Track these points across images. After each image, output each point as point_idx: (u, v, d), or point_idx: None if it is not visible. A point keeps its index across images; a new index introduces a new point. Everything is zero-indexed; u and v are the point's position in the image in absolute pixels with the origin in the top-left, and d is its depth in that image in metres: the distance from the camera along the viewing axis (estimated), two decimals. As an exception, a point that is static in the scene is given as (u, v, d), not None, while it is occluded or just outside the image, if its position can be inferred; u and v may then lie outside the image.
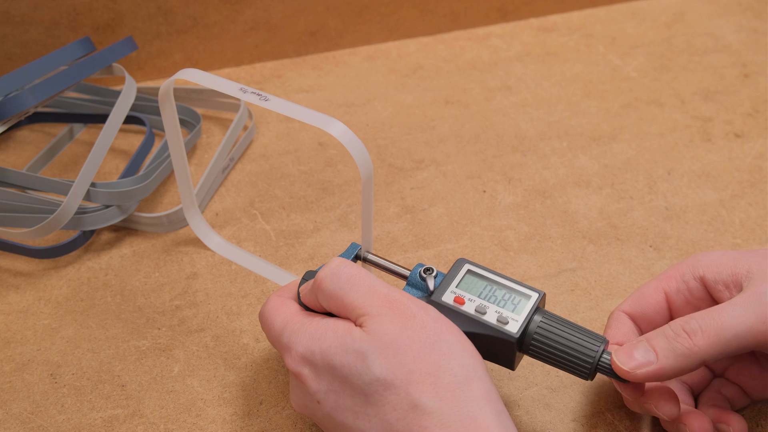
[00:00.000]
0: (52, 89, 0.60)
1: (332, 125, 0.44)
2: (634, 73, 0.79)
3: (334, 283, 0.42)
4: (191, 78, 0.47)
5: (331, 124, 0.44)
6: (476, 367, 0.40)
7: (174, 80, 0.48)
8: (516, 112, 0.74)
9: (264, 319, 0.45)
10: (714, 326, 0.40)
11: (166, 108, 0.51)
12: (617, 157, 0.68)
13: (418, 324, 0.40)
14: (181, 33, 0.77)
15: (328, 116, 0.44)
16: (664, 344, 0.41)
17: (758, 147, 0.69)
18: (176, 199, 0.65)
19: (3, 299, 0.57)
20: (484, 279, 0.46)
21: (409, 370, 0.39)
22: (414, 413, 0.38)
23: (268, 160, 0.69)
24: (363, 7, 0.81)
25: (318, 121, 0.44)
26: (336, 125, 0.44)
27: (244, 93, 0.45)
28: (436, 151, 0.70)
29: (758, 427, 0.47)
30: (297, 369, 0.42)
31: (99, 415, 0.49)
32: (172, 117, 0.52)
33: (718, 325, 0.40)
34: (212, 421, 0.49)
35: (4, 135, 0.72)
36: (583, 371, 0.43)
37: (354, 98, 0.76)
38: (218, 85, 0.46)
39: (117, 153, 0.71)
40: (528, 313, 0.44)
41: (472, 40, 0.84)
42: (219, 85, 0.46)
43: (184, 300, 0.56)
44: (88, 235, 0.60)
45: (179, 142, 0.53)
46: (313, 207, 0.64)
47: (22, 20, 0.72)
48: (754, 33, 0.84)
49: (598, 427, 0.48)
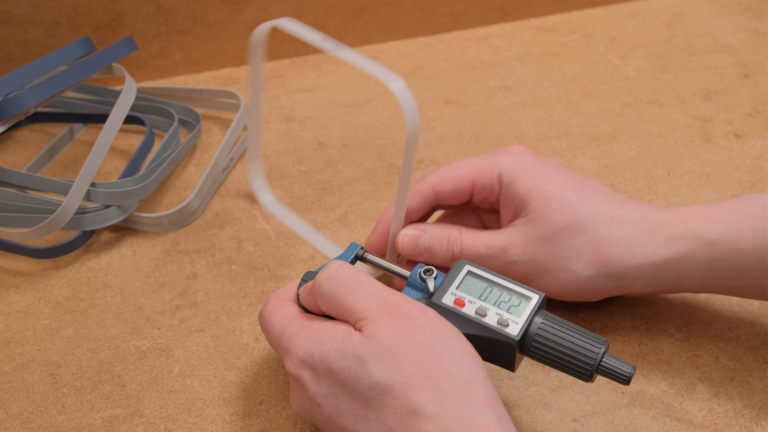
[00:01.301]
0: (52, 89, 0.60)
1: (393, 81, 0.46)
2: (634, 73, 0.79)
3: (332, 286, 0.42)
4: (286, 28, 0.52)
5: (391, 79, 0.46)
6: (476, 371, 0.40)
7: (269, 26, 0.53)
8: (516, 112, 0.74)
9: (263, 321, 0.45)
10: (470, 246, 0.50)
11: (256, 55, 0.56)
12: (617, 157, 0.68)
13: (418, 327, 0.40)
14: (181, 33, 0.77)
15: (390, 72, 0.46)
16: (437, 245, 0.51)
17: (758, 147, 0.69)
18: (176, 199, 0.65)
19: (3, 299, 0.57)
20: (485, 280, 0.46)
21: (408, 375, 0.39)
22: (414, 417, 0.38)
23: (268, 160, 0.69)
24: (363, 7, 0.81)
25: (380, 74, 0.47)
26: (396, 81, 0.46)
27: (323, 42, 0.50)
28: (436, 151, 0.70)
29: (758, 427, 0.47)
30: (297, 372, 0.42)
31: (99, 415, 0.49)
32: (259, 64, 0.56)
33: (473, 247, 0.50)
34: (212, 421, 0.49)
35: (4, 135, 0.72)
36: (584, 373, 0.43)
37: (354, 98, 0.76)
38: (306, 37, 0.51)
39: (117, 153, 0.71)
40: (528, 315, 0.44)
41: (472, 40, 0.84)
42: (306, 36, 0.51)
43: (184, 300, 0.56)
44: (88, 235, 0.60)
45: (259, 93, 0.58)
46: (313, 207, 0.64)
47: (22, 20, 0.72)
48: (754, 33, 0.84)
49: (598, 427, 0.48)
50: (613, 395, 0.49)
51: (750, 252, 0.46)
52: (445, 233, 0.51)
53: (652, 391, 0.50)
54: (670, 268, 0.48)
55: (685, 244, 0.47)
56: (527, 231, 0.49)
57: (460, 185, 0.52)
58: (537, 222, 0.49)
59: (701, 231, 0.47)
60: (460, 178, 0.52)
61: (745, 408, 0.49)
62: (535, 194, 0.49)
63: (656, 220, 0.48)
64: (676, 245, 0.47)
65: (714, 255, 0.47)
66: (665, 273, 0.48)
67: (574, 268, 0.48)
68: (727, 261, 0.46)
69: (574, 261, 0.48)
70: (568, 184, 0.50)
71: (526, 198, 0.50)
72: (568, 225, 0.48)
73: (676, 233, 0.47)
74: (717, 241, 0.46)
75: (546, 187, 0.49)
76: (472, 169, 0.52)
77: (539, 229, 0.49)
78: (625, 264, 0.48)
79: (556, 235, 0.49)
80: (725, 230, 0.46)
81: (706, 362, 0.51)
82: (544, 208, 0.49)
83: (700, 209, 0.48)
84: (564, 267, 0.49)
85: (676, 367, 0.51)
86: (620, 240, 0.48)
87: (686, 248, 0.47)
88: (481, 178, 0.52)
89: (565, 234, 0.48)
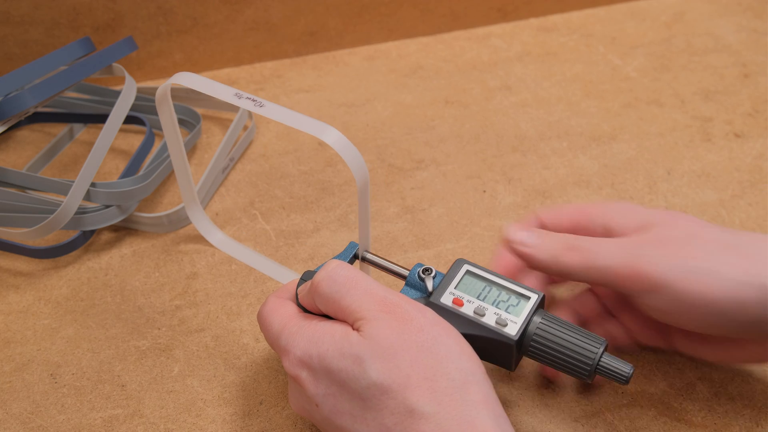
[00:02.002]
0: (52, 89, 0.60)
1: (327, 133, 0.43)
2: (634, 73, 0.79)
3: (330, 286, 0.42)
4: (186, 82, 0.47)
5: (325, 131, 0.43)
6: (474, 371, 0.40)
7: (170, 84, 0.48)
8: (516, 112, 0.74)
9: (262, 320, 0.45)
10: (591, 251, 0.45)
11: (164, 110, 0.51)
12: (617, 157, 0.68)
13: (416, 327, 0.40)
14: (181, 33, 0.77)
15: (322, 123, 0.43)
16: (548, 243, 0.46)
17: (758, 147, 0.69)
18: (176, 199, 0.65)
19: (3, 299, 0.57)
20: (484, 280, 0.46)
21: (406, 375, 0.39)
22: (411, 418, 0.38)
23: (268, 160, 0.69)
24: (363, 7, 0.81)
25: (312, 128, 0.43)
26: (330, 133, 0.43)
27: (239, 98, 0.45)
28: (436, 151, 0.70)
29: (758, 427, 0.47)
30: (295, 372, 0.42)
31: (99, 415, 0.49)
32: (170, 119, 0.52)
33: (594, 252, 0.45)
34: (212, 421, 0.49)
35: (4, 135, 0.72)
36: (583, 373, 0.43)
37: (354, 98, 0.76)
38: (213, 90, 0.46)
39: (117, 153, 0.71)
40: (527, 314, 0.44)
41: (472, 40, 0.84)
42: (214, 90, 0.46)
43: (184, 300, 0.57)
44: (88, 235, 0.60)
45: (178, 141, 0.54)
46: (313, 207, 0.64)
47: (22, 20, 0.72)
48: (754, 33, 0.84)
49: (598, 427, 0.48)
50: (613, 395, 0.49)
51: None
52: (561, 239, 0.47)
53: (652, 391, 0.50)
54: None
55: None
56: (658, 235, 0.45)
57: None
58: (667, 228, 0.45)
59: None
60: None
61: (745, 408, 0.49)
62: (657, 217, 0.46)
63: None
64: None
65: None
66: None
67: (720, 269, 0.42)
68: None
69: (722, 263, 0.42)
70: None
71: (645, 219, 0.46)
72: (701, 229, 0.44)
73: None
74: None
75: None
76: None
77: (671, 233, 0.45)
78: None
79: (689, 238, 0.44)
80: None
81: (706, 362, 0.51)
82: (671, 219, 0.46)
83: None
84: (708, 268, 0.42)
85: (676, 367, 0.51)
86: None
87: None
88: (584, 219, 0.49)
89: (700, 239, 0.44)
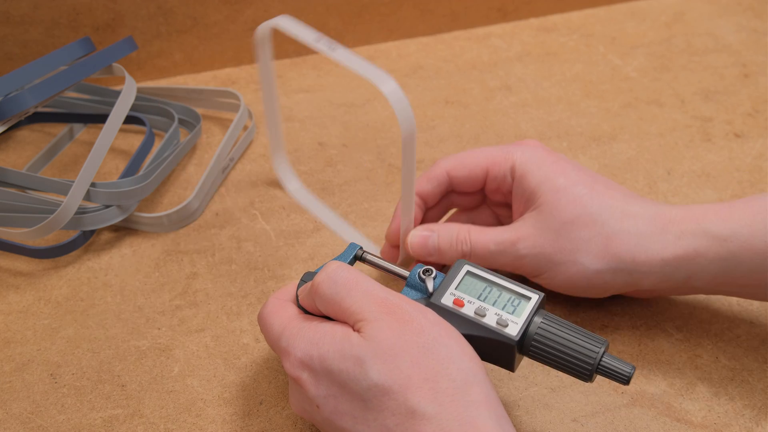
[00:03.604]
0: (52, 89, 0.60)
1: (385, 82, 0.46)
2: (634, 73, 0.79)
3: (330, 287, 0.42)
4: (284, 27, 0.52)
5: (384, 81, 0.46)
6: (475, 372, 0.40)
7: (270, 25, 0.53)
8: (516, 112, 0.74)
9: (262, 322, 0.45)
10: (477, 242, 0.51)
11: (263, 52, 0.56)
12: (617, 157, 0.68)
13: (416, 328, 0.40)
14: (181, 33, 0.77)
15: (383, 73, 0.46)
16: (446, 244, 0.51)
17: (758, 147, 0.69)
18: (176, 199, 0.65)
19: (3, 299, 0.57)
20: (484, 280, 0.46)
21: (407, 376, 0.39)
22: (412, 419, 0.38)
23: (268, 160, 0.69)
24: (363, 7, 0.81)
25: (372, 75, 0.46)
26: (388, 83, 0.46)
27: (316, 43, 0.50)
28: (436, 151, 0.70)
29: (758, 427, 0.47)
30: (296, 374, 0.42)
31: (99, 415, 0.49)
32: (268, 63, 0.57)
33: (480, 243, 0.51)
34: (212, 421, 0.49)
35: (4, 135, 0.72)
36: (584, 373, 0.43)
37: (354, 98, 0.76)
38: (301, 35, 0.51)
39: (117, 153, 0.71)
40: (528, 315, 0.44)
41: (472, 40, 0.84)
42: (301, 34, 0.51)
43: (184, 300, 0.57)
44: (88, 235, 0.60)
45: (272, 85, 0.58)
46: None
47: (22, 20, 0.72)
48: (754, 33, 0.84)
49: (598, 427, 0.48)
50: (613, 395, 0.49)
51: (762, 249, 0.46)
52: (453, 232, 0.51)
53: (652, 391, 0.50)
54: (681, 265, 0.47)
55: (697, 241, 0.47)
56: (536, 223, 0.49)
57: (473, 172, 0.53)
58: (546, 214, 0.49)
59: (713, 228, 0.47)
60: (473, 165, 0.53)
61: (745, 408, 0.49)
62: (546, 187, 0.50)
63: (668, 217, 0.48)
64: (688, 242, 0.47)
65: (726, 252, 0.46)
66: (676, 270, 0.48)
67: (583, 261, 0.48)
68: (739, 259, 0.46)
69: (584, 254, 0.48)
70: (580, 179, 0.50)
71: (537, 190, 0.50)
72: (578, 218, 0.48)
73: (687, 230, 0.47)
74: (729, 238, 0.46)
75: (557, 181, 0.50)
76: (486, 157, 0.53)
77: (549, 222, 0.49)
78: (634, 259, 0.48)
79: (565, 227, 0.48)
80: (737, 227, 0.46)
81: (706, 362, 0.51)
82: (554, 200, 0.49)
83: (712, 207, 0.48)
84: (573, 260, 0.48)
85: (676, 367, 0.51)
86: (630, 235, 0.48)
87: (698, 245, 0.47)
88: (495, 167, 0.52)
89: (575, 226, 0.48)
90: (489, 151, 0.53)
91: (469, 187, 0.54)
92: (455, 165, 0.53)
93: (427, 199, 0.54)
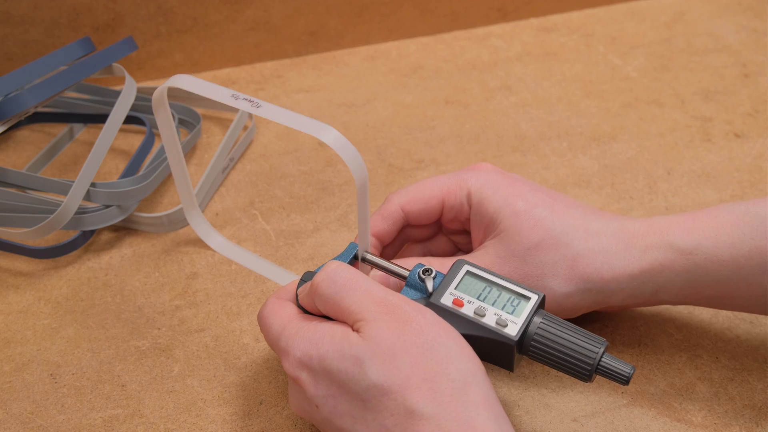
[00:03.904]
0: (52, 89, 0.60)
1: (325, 132, 0.43)
2: (634, 73, 0.79)
3: (330, 287, 0.42)
4: (183, 85, 0.47)
5: (323, 131, 0.43)
6: (474, 372, 0.40)
7: (166, 87, 0.48)
8: (516, 112, 0.74)
9: (262, 321, 0.45)
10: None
11: (160, 113, 0.51)
12: (617, 157, 0.68)
13: (415, 328, 0.40)
14: (181, 33, 0.77)
15: (320, 123, 0.43)
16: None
17: (758, 147, 0.69)
18: (176, 199, 0.65)
19: (3, 299, 0.57)
20: (484, 280, 0.45)
21: (406, 376, 0.39)
22: (411, 419, 0.38)
23: (268, 160, 0.69)
24: (363, 7, 0.81)
25: (310, 128, 0.43)
26: (329, 132, 0.43)
27: (236, 100, 0.45)
28: (436, 151, 0.70)
29: (758, 427, 0.47)
30: (295, 373, 0.42)
31: (99, 415, 0.49)
32: (167, 122, 0.51)
33: None
34: (212, 421, 0.49)
35: (4, 135, 0.72)
36: (583, 373, 0.43)
37: (354, 98, 0.76)
38: (210, 92, 0.46)
39: (117, 153, 0.71)
40: (527, 315, 0.44)
41: (472, 40, 0.84)
42: (211, 91, 0.46)
43: (184, 300, 0.57)
44: (88, 235, 0.60)
45: (176, 144, 0.53)
46: (313, 207, 0.64)
47: (22, 20, 0.72)
48: (754, 33, 0.84)
49: (598, 427, 0.48)
50: (613, 395, 0.49)
51: (727, 261, 0.45)
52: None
53: (652, 391, 0.50)
54: (648, 279, 0.47)
55: (662, 255, 0.46)
56: (500, 251, 0.48)
57: (428, 204, 0.51)
58: (509, 240, 0.48)
59: (677, 241, 0.46)
60: (428, 197, 0.51)
61: (745, 408, 0.49)
62: (505, 212, 0.48)
63: (631, 232, 0.48)
64: (653, 256, 0.47)
65: (691, 265, 0.46)
66: (643, 284, 0.47)
67: (551, 285, 0.47)
68: (705, 270, 0.46)
69: (551, 278, 0.47)
70: (539, 200, 0.49)
71: (497, 216, 0.49)
72: (542, 241, 0.47)
73: (652, 243, 0.47)
74: (693, 250, 0.46)
75: (516, 204, 0.48)
76: (440, 187, 0.51)
77: (512, 248, 0.48)
78: (602, 277, 0.47)
79: (529, 252, 0.47)
80: (702, 239, 0.46)
81: (706, 362, 0.51)
82: (516, 225, 0.48)
83: (676, 219, 0.48)
84: (541, 285, 0.47)
85: (676, 367, 0.51)
86: (596, 254, 0.47)
87: (663, 258, 0.46)
88: (450, 196, 0.51)
89: (539, 251, 0.47)
90: (442, 180, 0.51)
91: (426, 219, 0.52)
92: (409, 199, 0.51)
93: (383, 239, 0.52)
